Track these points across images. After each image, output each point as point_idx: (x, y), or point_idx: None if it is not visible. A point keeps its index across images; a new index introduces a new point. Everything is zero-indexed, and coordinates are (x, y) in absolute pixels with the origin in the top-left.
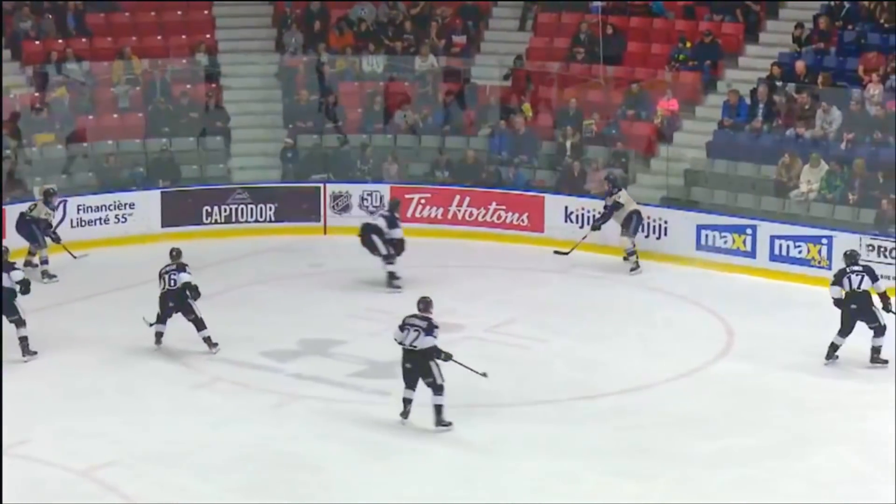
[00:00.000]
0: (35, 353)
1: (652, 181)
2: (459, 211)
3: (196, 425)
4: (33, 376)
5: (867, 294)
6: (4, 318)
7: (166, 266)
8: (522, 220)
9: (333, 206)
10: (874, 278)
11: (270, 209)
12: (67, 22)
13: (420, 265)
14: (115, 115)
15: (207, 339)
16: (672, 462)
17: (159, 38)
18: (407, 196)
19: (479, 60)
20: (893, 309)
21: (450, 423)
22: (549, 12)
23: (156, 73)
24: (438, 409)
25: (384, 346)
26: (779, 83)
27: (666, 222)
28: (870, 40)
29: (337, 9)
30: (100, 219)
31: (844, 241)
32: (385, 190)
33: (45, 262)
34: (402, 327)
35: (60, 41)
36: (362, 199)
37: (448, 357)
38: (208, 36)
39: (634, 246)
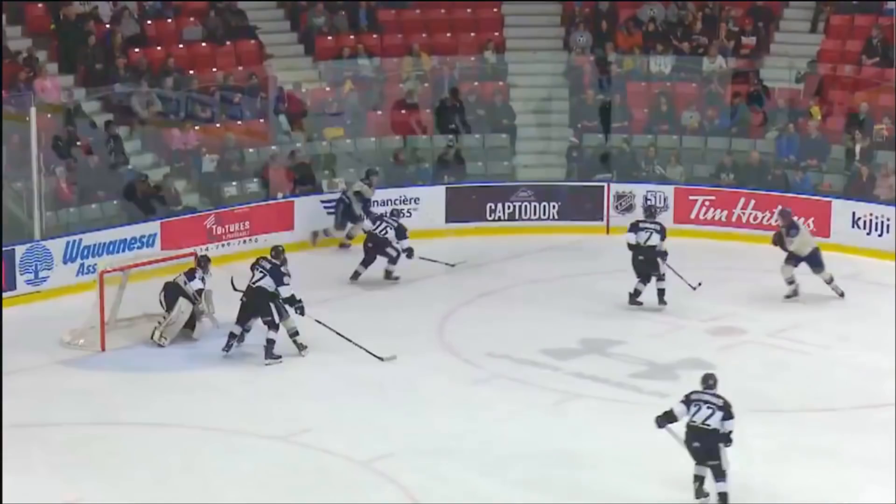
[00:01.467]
0: (279, 357)
1: None
2: (744, 214)
3: (474, 420)
4: (317, 366)
5: None
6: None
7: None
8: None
9: (617, 206)
10: None
11: (554, 207)
12: (359, 18)
13: (703, 268)
14: (403, 111)
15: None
16: None
17: (448, 35)
18: (691, 197)
19: (768, 62)
20: None
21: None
22: (841, 14)
23: (444, 70)
24: (723, 496)
25: (665, 348)
26: None
27: None
28: None
29: (626, 8)
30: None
31: None
32: (669, 191)
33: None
34: (687, 403)
35: (352, 37)
36: (646, 199)
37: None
38: (497, 34)
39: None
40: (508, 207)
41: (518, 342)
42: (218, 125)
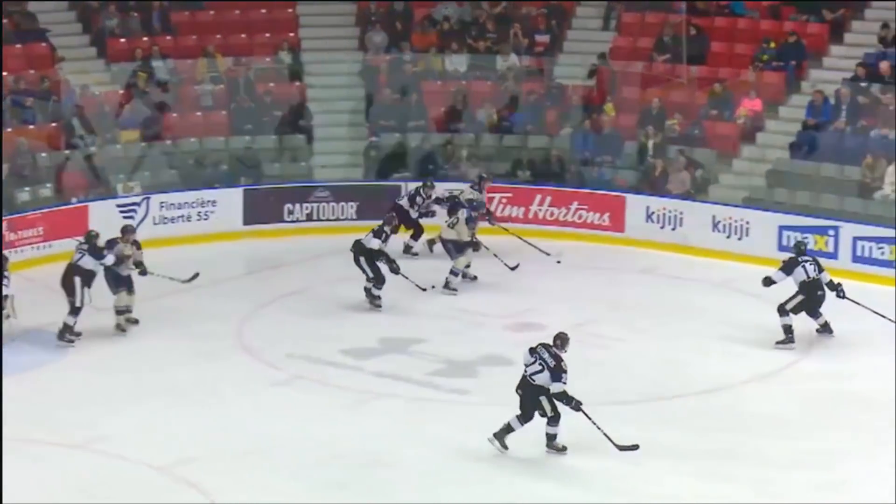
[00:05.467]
0: (74, 339)
1: (734, 181)
2: (541, 210)
3: (276, 422)
4: (113, 370)
5: (820, 281)
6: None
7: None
8: (604, 220)
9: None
10: (822, 267)
11: (352, 207)
12: (153, 20)
13: (500, 264)
14: (199, 113)
15: None
16: (752, 464)
17: (243, 36)
18: (488, 195)
19: (561, 60)
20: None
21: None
22: (632, 12)
23: (240, 71)
24: (550, 437)
25: (464, 345)
26: (864, 83)
27: (748, 223)
28: None
29: (420, 8)
30: (182, 216)
31: None
32: (466, 188)
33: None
34: (531, 351)
35: (146, 39)
36: None
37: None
38: (292, 34)
39: None
40: (306, 208)
41: (318, 343)
42: (9, 130)
